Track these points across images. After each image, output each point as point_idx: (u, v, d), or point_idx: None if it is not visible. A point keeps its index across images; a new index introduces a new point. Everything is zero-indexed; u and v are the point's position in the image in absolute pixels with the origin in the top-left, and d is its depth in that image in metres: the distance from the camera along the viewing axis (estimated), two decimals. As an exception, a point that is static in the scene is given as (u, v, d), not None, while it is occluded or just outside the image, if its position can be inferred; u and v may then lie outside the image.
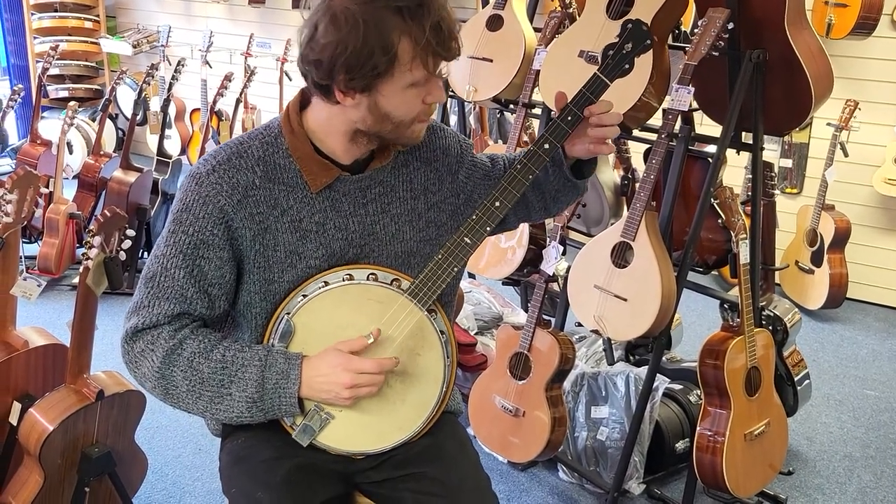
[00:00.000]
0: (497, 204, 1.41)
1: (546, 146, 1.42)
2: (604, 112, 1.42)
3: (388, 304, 1.39)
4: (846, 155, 3.92)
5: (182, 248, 1.34)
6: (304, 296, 1.39)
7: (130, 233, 1.86)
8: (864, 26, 3.75)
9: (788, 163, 4.32)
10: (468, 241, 1.40)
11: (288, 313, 1.39)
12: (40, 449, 1.98)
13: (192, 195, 1.35)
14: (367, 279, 1.40)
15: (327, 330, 1.39)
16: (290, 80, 5.40)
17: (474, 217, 1.41)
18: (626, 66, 1.42)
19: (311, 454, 1.41)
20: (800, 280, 4.14)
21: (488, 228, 1.41)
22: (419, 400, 1.43)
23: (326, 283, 1.39)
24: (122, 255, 1.88)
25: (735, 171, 4.10)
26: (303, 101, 1.42)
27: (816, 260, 4.04)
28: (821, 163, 3.98)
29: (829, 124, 3.90)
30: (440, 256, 1.40)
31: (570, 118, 1.42)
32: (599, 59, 1.43)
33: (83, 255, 1.88)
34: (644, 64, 2.30)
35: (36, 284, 2.19)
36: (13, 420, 2.19)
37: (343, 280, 1.40)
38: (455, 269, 1.40)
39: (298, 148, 1.38)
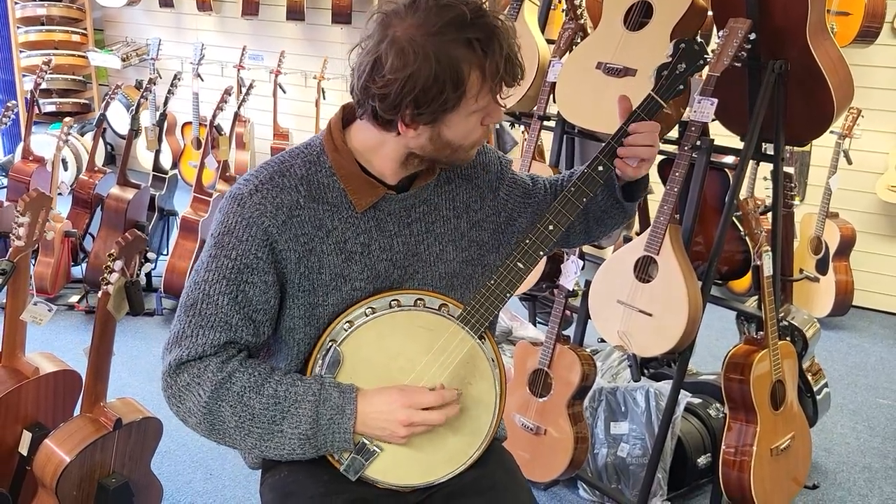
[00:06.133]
0: (551, 228, 1.36)
1: (600, 168, 1.37)
2: (643, 132, 1.38)
3: (438, 331, 1.34)
4: (850, 163, 3.91)
5: (225, 273, 1.28)
6: (350, 322, 1.33)
7: (151, 255, 1.80)
8: (867, 34, 3.75)
9: (790, 171, 4.31)
10: (521, 266, 1.35)
11: (334, 341, 1.33)
12: (57, 481, 1.90)
13: (234, 217, 1.29)
14: (415, 304, 1.35)
15: (377, 359, 1.33)
16: (285, 92, 5.33)
17: (527, 241, 1.36)
18: (681, 87, 1.39)
19: (360, 489, 1.35)
20: (805, 288, 4.12)
21: (541, 253, 1.36)
22: (470, 431, 1.37)
23: (373, 310, 1.34)
24: (144, 280, 1.81)
25: (743, 182, 4.09)
26: (344, 117, 1.37)
27: (822, 268, 4.03)
28: (822, 171, 3.97)
29: (831, 132, 3.88)
30: (493, 282, 1.34)
31: (623, 139, 1.38)
32: (653, 80, 1.39)
33: (102, 279, 1.80)
34: (666, 75, 2.28)
35: (46, 309, 2.11)
36: (23, 450, 2.11)
37: (390, 306, 1.34)
38: (508, 294, 1.34)
39: (344, 166, 1.33)
